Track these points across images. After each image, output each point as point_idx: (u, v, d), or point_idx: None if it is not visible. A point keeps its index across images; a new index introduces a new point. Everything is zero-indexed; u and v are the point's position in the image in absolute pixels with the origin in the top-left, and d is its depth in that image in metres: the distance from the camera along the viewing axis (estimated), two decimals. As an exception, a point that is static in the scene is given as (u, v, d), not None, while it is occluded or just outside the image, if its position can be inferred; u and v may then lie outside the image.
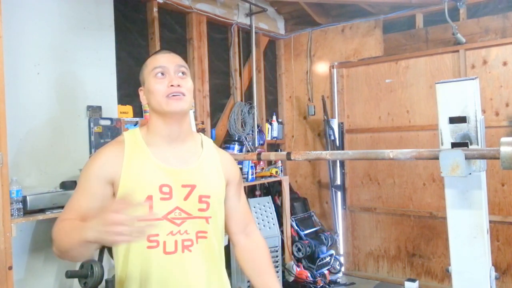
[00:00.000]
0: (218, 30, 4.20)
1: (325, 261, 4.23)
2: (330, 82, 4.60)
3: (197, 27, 3.86)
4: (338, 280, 4.32)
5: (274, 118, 4.77)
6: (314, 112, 4.64)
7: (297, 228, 4.27)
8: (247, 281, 3.70)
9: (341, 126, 4.55)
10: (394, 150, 2.27)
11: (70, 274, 2.61)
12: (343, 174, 4.54)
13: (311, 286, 3.96)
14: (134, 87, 3.35)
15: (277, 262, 3.88)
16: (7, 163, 2.13)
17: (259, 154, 2.86)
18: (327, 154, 2.62)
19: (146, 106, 1.36)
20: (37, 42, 2.67)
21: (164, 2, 3.52)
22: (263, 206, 4.03)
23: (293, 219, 4.30)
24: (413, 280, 3.39)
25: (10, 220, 2.15)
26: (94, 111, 2.94)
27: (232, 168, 1.46)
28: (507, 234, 3.70)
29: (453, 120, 2.13)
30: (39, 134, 2.67)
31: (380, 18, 4.25)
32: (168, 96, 1.27)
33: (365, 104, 4.41)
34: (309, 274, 4.02)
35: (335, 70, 4.57)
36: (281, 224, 4.15)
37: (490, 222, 2.54)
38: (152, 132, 1.33)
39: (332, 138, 4.47)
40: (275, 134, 4.74)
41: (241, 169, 3.73)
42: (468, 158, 2.00)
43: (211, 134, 3.98)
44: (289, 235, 4.19)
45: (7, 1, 2.34)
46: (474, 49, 3.77)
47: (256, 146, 4.40)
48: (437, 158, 2.09)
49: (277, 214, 4.10)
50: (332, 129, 4.47)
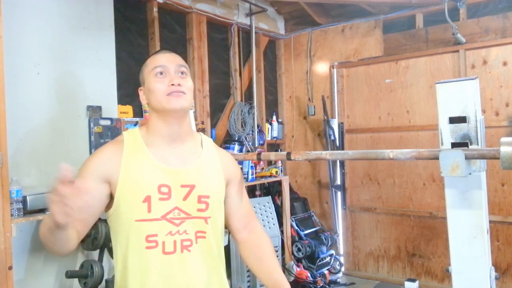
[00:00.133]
0: (218, 30, 4.20)
1: (325, 261, 4.23)
2: (330, 82, 4.60)
3: (197, 27, 3.86)
4: (338, 280, 4.32)
5: (274, 118, 4.77)
6: (314, 112, 4.64)
7: (297, 228, 4.27)
8: (247, 281, 3.70)
9: (341, 126, 4.55)
10: (394, 150, 2.27)
11: (70, 274, 2.61)
12: (343, 174, 4.54)
13: (311, 286, 3.95)
14: (134, 87, 3.35)
15: (277, 262, 3.88)
16: (7, 163, 2.13)
17: (259, 154, 2.86)
18: (327, 154, 2.62)
19: (146, 106, 1.36)
20: (37, 42, 2.67)
21: (164, 2, 3.52)
22: (263, 206, 4.03)
23: (293, 219, 4.30)
24: (413, 280, 3.40)
25: (10, 220, 2.15)
26: (94, 111, 2.94)
27: (232, 167, 1.45)
28: (507, 234, 3.70)
29: (453, 120, 2.13)
30: (39, 134, 2.67)
31: (380, 18, 4.25)
32: (168, 95, 1.28)
33: (365, 104, 4.40)
34: (309, 274, 4.02)
35: (335, 70, 4.57)
36: (281, 224, 4.15)
37: (490, 222, 2.54)
38: (152, 132, 1.33)
39: (332, 138, 4.47)
40: (275, 134, 4.74)
41: (241, 169, 3.73)
42: (468, 158, 2.00)
43: (211, 134, 3.98)
44: (289, 235, 4.19)
45: (7, 1, 2.34)
46: (474, 49, 3.77)
47: (256, 146, 4.40)
48: (437, 158, 2.09)
49: (277, 214, 4.10)
50: (332, 129, 4.47)
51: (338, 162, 4.53)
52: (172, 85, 1.28)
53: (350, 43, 4.44)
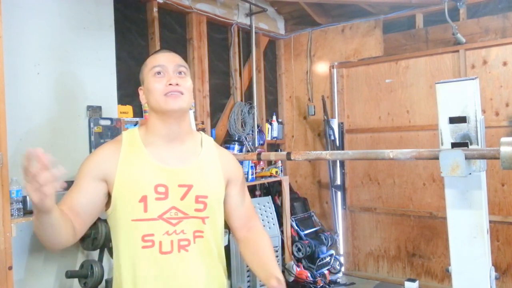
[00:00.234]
0: (218, 30, 4.20)
1: (325, 261, 4.23)
2: (330, 82, 4.60)
3: (197, 27, 3.86)
4: (338, 280, 4.32)
5: (274, 118, 4.77)
6: (314, 112, 4.64)
7: (297, 228, 4.27)
8: (247, 281, 3.70)
9: (341, 126, 4.55)
10: (394, 150, 2.27)
11: (70, 274, 2.61)
12: (343, 174, 4.54)
13: (311, 286, 3.95)
14: (134, 87, 3.35)
15: (277, 262, 3.88)
16: (7, 163, 2.13)
17: (259, 154, 2.86)
18: (327, 154, 2.62)
19: (146, 105, 1.36)
20: (37, 42, 2.67)
21: (164, 2, 3.53)
22: (263, 206, 4.03)
23: (293, 219, 4.30)
24: (413, 280, 3.39)
25: (10, 220, 2.15)
26: (94, 111, 2.94)
27: (233, 167, 1.44)
28: (507, 234, 3.70)
29: (453, 120, 2.13)
30: (39, 134, 2.67)
31: (380, 18, 4.25)
32: (166, 94, 1.27)
33: (365, 104, 4.40)
34: (309, 274, 4.02)
35: (335, 70, 4.57)
36: (281, 224, 4.15)
37: (490, 222, 2.54)
38: (150, 131, 1.33)
39: (332, 138, 4.47)
40: (275, 134, 4.74)
41: (241, 169, 3.73)
42: (468, 158, 2.00)
43: (211, 134, 3.98)
44: (289, 235, 4.19)
45: (7, 1, 2.34)
46: (474, 49, 3.77)
47: (256, 146, 4.40)
48: (437, 158, 2.09)
49: (277, 214, 4.10)
50: (332, 129, 4.47)
51: (338, 162, 4.53)
52: (169, 84, 1.28)
53: (350, 43, 4.44)
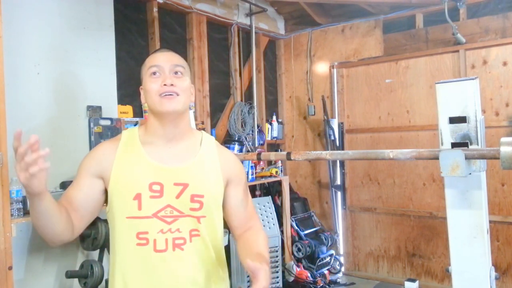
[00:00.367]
0: (218, 30, 4.20)
1: (325, 261, 4.23)
2: (330, 82, 4.60)
3: (197, 27, 3.86)
4: (338, 280, 4.32)
5: (274, 118, 4.77)
6: (314, 112, 4.64)
7: (297, 228, 4.27)
8: (247, 281, 3.70)
9: (341, 126, 4.55)
10: (394, 150, 2.27)
11: (70, 274, 2.61)
12: (343, 174, 4.54)
13: (311, 286, 3.95)
14: (134, 87, 3.35)
15: (277, 262, 3.88)
16: (7, 163, 2.13)
17: (259, 154, 2.86)
18: (327, 154, 2.62)
19: (146, 105, 1.37)
20: (37, 42, 2.67)
21: (164, 2, 3.52)
22: (263, 206, 4.03)
23: (293, 219, 4.30)
24: (413, 280, 3.39)
25: (10, 220, 2.15)
26: (94, 111, 2.93)
27: (233, 167, 1.42)
28: (507, 234, 3.69)
29: (453, 120, 2.14)
30: (39, 134, 2.60)
31: (380, 18, 4.25)
32: (161, 95, 1.28)
33: (365, 104, 4.40)
34: (309, 274, 4.02)
35: (335, 70, 4.57)
36: (281, 224, 4.15)
37: (490, 222, 2.54)
38: (149, 131, 1.34)
39: (332, 138, 4.47)
40: (275, 134, 4.74)
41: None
42: (468, 158, 2.01)
43: (211, 134, 3.97)
44: (289, 235, 4.19)
45: (7, 1, 2.34)
46: (474, 49, 3.77)
47: (256, 146, 4.40)
48: (437, 158, 2.09)
49: (277, 214, 4.10)
50: (332, 129, 4.47)
51: (338, 162, 4.53)
52: (164, 85, 1.28)
53: (350, 43, 4.44)
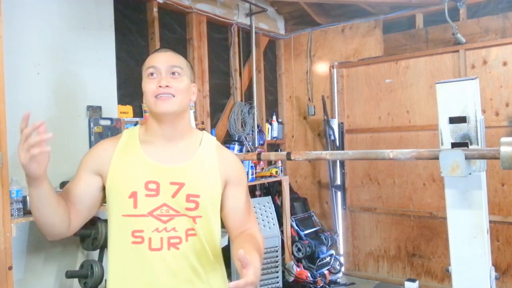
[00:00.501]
0: (218, 30, 4.20)
1: (325, 261, 4.23)
2: (330, 82, 4.60)
3: (197, 27, 3.86)
4: (338, 280, 4.32)
5: (274, 118, 4.77)
6: (314, 112, 4.64)
7: (297, 228, 4.27)
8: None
9: (341, 126, 4.55)
10: (394, 150, 2.27)
11: (70, 274, 2.61)
12: (343, 174, 4.54)
13: (311, 286, 3.95)
14: (134, 87, 3.36)
15: (277, 262, 3.88)
16: (7, 163, 2.13)
17: (259, 154, 2.86)
18: (327, 154, 2.62)
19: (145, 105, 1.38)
20: (37, 42, 2.67)
21: (164, 2, 3.52)
22: (263, 206, 4.03)
23: (293, 219, 4.30)
24: (413, 280, 3.39)
25: (10, 220, 2.15)
26: (94, 111, 2.93)
27: (233, 168, 1.40)
28: (507, 234, 3.69)
29: (453, 120, 2.14)
30: (39, 134, 2.66)
31: (380, 18, 4.25)
32: (156, 96, 1.28)
33: (365, 104, 4.40)
34: (309, 274, 4.02)
35: (335, 70, 4.57)
36: (281, 224, 4.15)
37: (490, 222, 2.54)
38: (148, 130, 1.35)
39: (332, 138, 4.47)
40: (275, 134, 4.74)
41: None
42: (468, 158, 2.01)
43: (211, 134, 3.98)
44: (289, 235, 4.19)
45: (7, 1, 2.34)
46: (474, 49, 3.77)
47: (256, 146, 4.40)
48: (437, 158, 2.09)
49: (277, 214, 4.10)
50: (332, 129, 4.47)
51: (338, 162, 4.53)
52: (159, 86, 1.28)
53: (350, 43, 4.44)
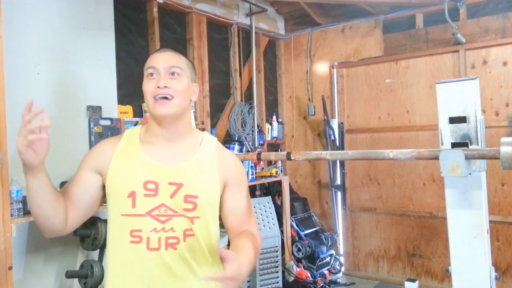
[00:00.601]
0: (218, 30, 4.20)
1: (325, 261, 4.23)
2: (330, 82, 4.60)
3: (197, 27, 3.86)
4: (338, 280, 4.32)
5: (274, 118, 4.77)
6: (314, 112, 4.64)
7: (297, 228, 4.27)
8: (247, 281, 3.70)
9: (341, 126, 4.54)
10: (394, 150, 2.27)
11: (70, 274, 2.61)
12: (343, 174, 4.54)
13: (311, 286, 3.95)
14: (134, 87, 3.36)
15: (277, 262, 3.88)
16: (7, 163, 2.13)
17: (259, 154, 2.86)
18: (327, 154, 2.62)
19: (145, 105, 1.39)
20: (37, 42, 2.67)
21: (164, 2, 3.52)
22: (263, 206, 4.03)
23: (293, 219, 4.30)
24: (413, 280, 3.39)
25: (10, 220, 2.15)
26: (94, 111, 2.93)
27: (233, 169, 1.40)
28: (507, 234, 3.69)
29: (453, 120, 2.14)
30: (39, 134, 2.66)
31: (380, 18, 4.25)
32: (154, 97, 1.28)
33: (365, 104, 4.40)
34: (309, 274, 4.02)
35: (335, 70, 4.57)
36: (281, 224, 4.15)
37: (490, 222, 2.54)
38: (149, 130, 1.36)
39: (332, 138, 4.47)
40: (275, 134, 4.74)
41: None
42: (468, 158, 2.01)
43: (211, 134, 3.98)
44: (289, 235, 4.19)
45: (7, 1, 2.34)
46: (474, 49, 3.77)
47: (256, 146, 4.40)
48: (437, 158, 2.09)
49: (277, 214, 4.10)
50: (332, 129, 4.47)
51: (338, 162, 4.53)
52: (158, 87, 1.27)
53: (350, 43, 4.44)
